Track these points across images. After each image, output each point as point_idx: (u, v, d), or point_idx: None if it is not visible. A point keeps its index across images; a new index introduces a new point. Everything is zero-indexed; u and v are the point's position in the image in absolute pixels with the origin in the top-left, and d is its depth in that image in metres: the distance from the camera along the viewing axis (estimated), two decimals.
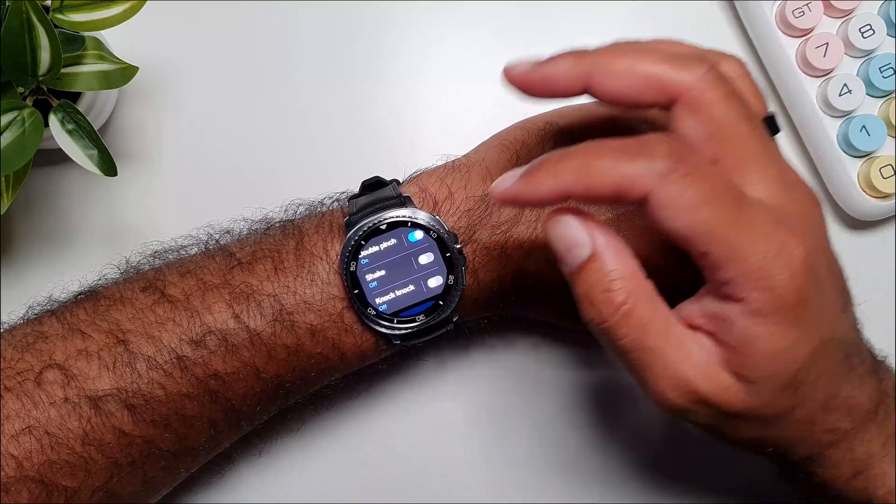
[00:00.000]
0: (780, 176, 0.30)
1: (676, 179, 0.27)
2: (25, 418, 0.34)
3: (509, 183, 0.29)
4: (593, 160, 0.28)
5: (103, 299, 0.37)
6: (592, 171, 0.28)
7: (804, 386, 0.30)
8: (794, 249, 0.28)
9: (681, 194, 0.27)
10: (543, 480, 0.47)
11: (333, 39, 0.50)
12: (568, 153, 0.29)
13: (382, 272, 0.37)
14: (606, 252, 0.29)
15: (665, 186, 0.27)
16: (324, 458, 0.46)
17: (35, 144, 0.37)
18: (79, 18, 0.39)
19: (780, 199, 0.29)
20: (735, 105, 0.29)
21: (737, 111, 0.29)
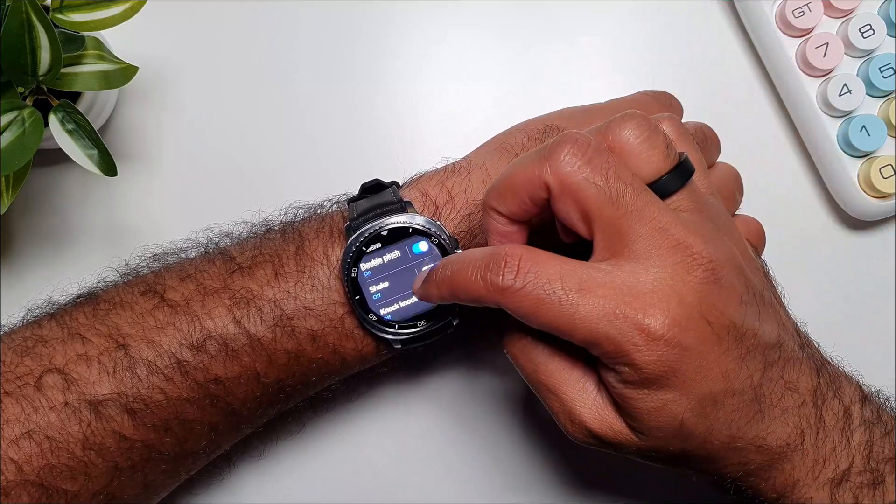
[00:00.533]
0: (650, 247, 0.30)
1: (509, 296, 0.30)
2: (25, 422, 0.34)
3: (417, 286, 0.35)
4: (458, 276, 0.32)
5: (103, 303, 0.37)
6: (456, 287, 0.32)
7: (696, 434, 0.31)
8: (649, 325, 0.29)
9: (518, 306, 0.30)
10: (545, 480, 0.47)
11: (333, 39, 0.50)
12: (446, 265, 0.33)
13: (386, 284, 0.37)
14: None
15: (507, 301, 0.30)
16: (323, 460, 0.46)
17: (35, 144, 0.37)
18: (79, 18, 0.39)
19: (643, 272, 0.30)
20: (598, 185, 0.30)
21: (600, 191, 0.30)
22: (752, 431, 0.32)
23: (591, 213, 0.30)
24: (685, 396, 0.30)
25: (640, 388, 0.30)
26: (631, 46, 0.50)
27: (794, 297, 0.46)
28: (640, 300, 0.29)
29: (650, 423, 0.31)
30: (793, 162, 0.50)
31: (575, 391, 0.32)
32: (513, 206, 0.32)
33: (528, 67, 0.50)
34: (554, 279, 0.30)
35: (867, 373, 0.38)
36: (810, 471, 0.33)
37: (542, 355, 0.33)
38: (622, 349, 0.29)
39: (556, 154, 0.31)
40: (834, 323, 0.48)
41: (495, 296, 0.30)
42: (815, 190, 0.50)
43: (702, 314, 0.30)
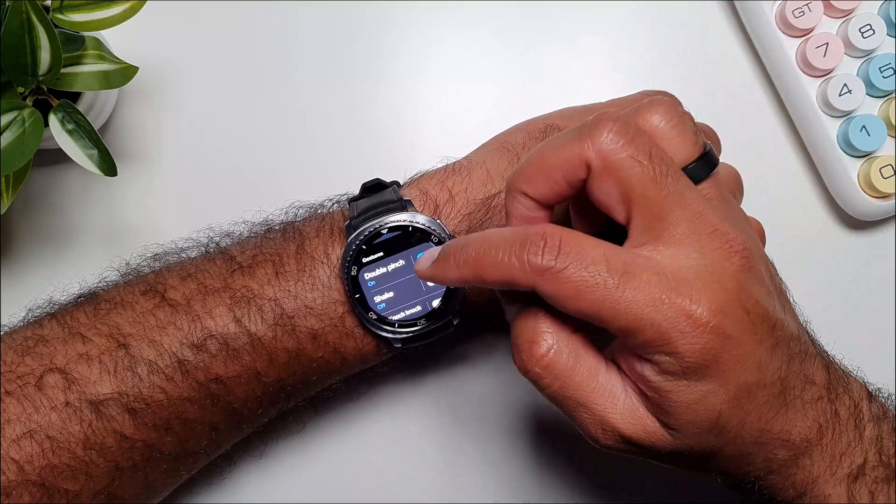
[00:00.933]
0: (689, 232, 0.30)
1: (549, 278, 0.29)
2: (26, 422, 0.35)
3: (427, 265, 0.32)
4: (484, 257, 0.30)
5: (104, 302, 0.37)
6: (484, 267, 0.30)
7: (729, 428, 0.30)
8: (695, 311, 0.28)
9: (557, 289, 0.29)
10: (545, 480, 0.47)
11: (333, 39, 0.50)
12: (467, 245, 0.31)
13: (391, 294, 0.38)
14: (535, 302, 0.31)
15: (546, 283, 0.29)
16: (324, 459, 0.46)
17: (35, 144, 0.37)
18: (79, 18, 0.39)
19: (684, 258, 0.29)
20: (643, 163, 0.29)
21: (644, 170, 0.29)
22: (778, 425, 0.31)
23: (633, 193, 0.29)
24: (723, 387, 0.29)
25: (679, 378, 0.29)
26: (631, 46, 0.50)
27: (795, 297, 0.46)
28: (684, 286, 0.28)
29: (687, 418, 0.30)
30: (793, 162, 0.50)
31: (605, 399, 0.31)
32: (544, 187, 0.31)
33: (528, 67, 0.50)
34: (598, 261, 0.29)
35: (867, 372, 0.38)
36: (828, 467, 0.33)
37: (566, 369, 0.31)
38: (667, 336, 0.28)
39: (598, 131, 0.29)
40: (834, 323, 0.48)
41: (532, 277, 0.29)
42: (815, 190, 0.50)
43: (741, 302, 0.29)
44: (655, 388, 0.30)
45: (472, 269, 0.31)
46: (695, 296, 0.28)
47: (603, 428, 0.31)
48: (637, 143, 0.29)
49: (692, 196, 0.30)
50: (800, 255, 0.49)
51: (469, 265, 0.31)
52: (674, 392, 0.29)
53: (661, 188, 0.29)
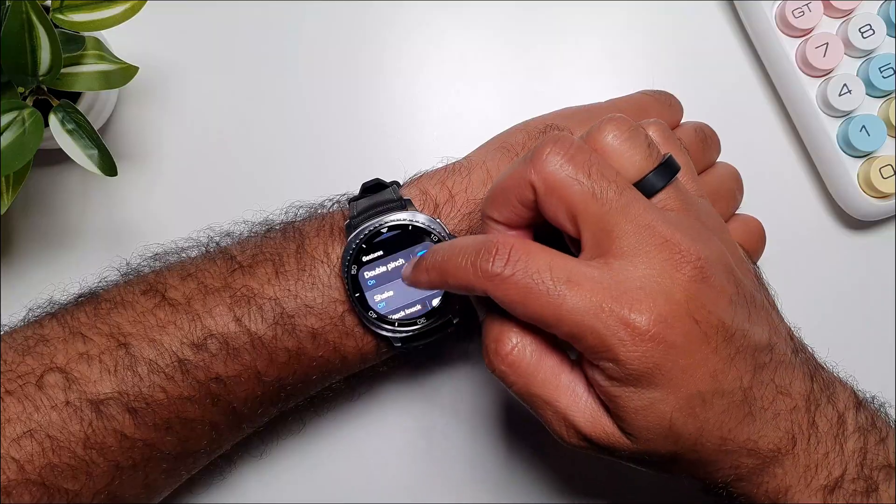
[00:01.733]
0: (636, 244, 0.30)
1: (498, 283, 0.30)
2: (27, 422, 0.34)
3: (408, 272, 0.35)
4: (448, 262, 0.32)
5: (104, 302, 0.37)
6: (446, 272, 0.32)
7: (685, 436, 0.31)
8: (634, 320, 0.29)
9: (505, 294, 0.30)
10: (546, 480, 0.47)
11: (333, 39, 0.50)
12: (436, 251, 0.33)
13: (391, 293, 0.38)
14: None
15: (494, 288, 0.31)
16: (324, 459, 0.46)
17: (35, 144, 0.37)
18: (79, 18, 0.39)
19: (632, 269, 0.30)
20: (582, 181, 0.30)
21: (584, 188, 0.30)
22: (743, 434, 0.32)
23: (577, 209, 0.31)
24: (672, 395, 0.30)
25: (625, 385, 0.30)
26: (631, 46, 0.51)
27: (794, 297, 0.46)
28: (626, 296, 0.30)
29: (639, 424, 0.31)
30: (793, 162, 0.50)
31: (567, 397, 0.32)
32: (505, 211, 0.33)
33: (528, 67, 0.50)
34: (543, 269, 0.30)
35: (867, 373, 0.38)
36: (802, 476, 0.33)
37: (530, 367, 0.32)
38: (606, 343, 0.29)
39: (539, 154, 0.31)
40: (834, 323, 0.48)
41: (484, 282, 0.31)
42: (815, 190, 0.50)
43: (689, 312, 0.30)
44: (605, 392, 0.31)
45: (437, 273, 0.33)
46: (636, 305, 0.29)
47: (566, 426, 0.32)
48: (576, 161, 0.31)
49: (639, 209, 0.31)
50: (800, 255, 0.49)
51: (435, 269, 0.33)
52: (621, 398, 0.31)
53: (601, 203, 0.30)
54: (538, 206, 0.32)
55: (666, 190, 0.32)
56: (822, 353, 0.38)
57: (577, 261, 0.31)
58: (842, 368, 0.37)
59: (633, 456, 0.32)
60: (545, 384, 0.32)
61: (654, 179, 0.32)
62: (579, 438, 0.32)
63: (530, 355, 0.32)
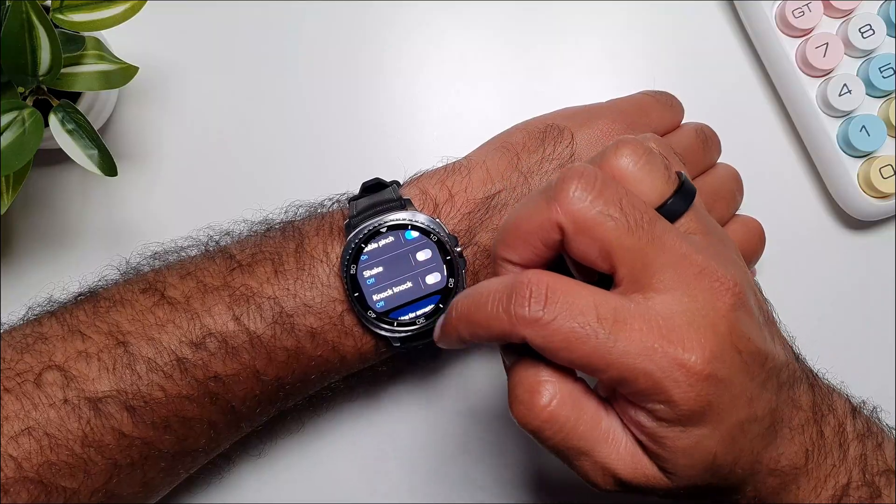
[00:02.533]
0: (676, 276, 0.29)
1: (538, 329, 0.28)
2: (25, 419, 0.35)
3: (437, 333, 0.32)
4: (475, 313, 0.29)
5: (103, 301, 0.38)
6: (476, 325, 0.29)
7: (723, 466, 0.30)
8: (688, 360, 0.28)
9: (547, 341, 0.28)
10: (546, 480, 0.47)
11: (333, 39, 0.50)
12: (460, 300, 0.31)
13: (380, 269, 0.37)
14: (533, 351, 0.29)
15: (534, 335, 0.28)
16: (323, 459, 0.46)
17: (35, 144, 0.37)
18: (79, 18, 0.39)
19: (675, 303, 0.29)
20: (616, 217, 0.28)
21: (618, 224, 0.28)
22: (768, 455, 0.31)
23: (612, 247, 0.29)
24: (718, 430, 0.29)
25: (675, 425, 0.29)
26: (631, 46, 0.51)
27: (794, 297, 0.46)
28: (676, 333, 0.28)
29: (683, 462, 0.29)
30: (793, 162, 0.50)
31: (607, 446, 0.30)
32: (526, 253, 0.30)
33: (528, 67, 0.50)
34: (588, 310, 0.28)
35: (866, 373, 0.38)
36: (813, 489, 0.33)
37: (570, 420, 0.30)
38: (661, 386, 0.28)
39: (564, 192, 0.29)
40: (834, 323, 0.48)
41: (521, 329, 0.28)
42: (815, 190, 0.50)
43: (733, 343, 0.29)
44: (651, 434, 0.29)
45: (466, 325, 0.30)
46: (687, 344, 0.28)
47: (604, 474, 0.30)
48: (606, 195, 0.29)
49: (672, 239, 0.29)
50: (800, 255, 0.49)
51: (463, 322, 0.30)
52: (669, 438, 0.29)
53: (638, 238, 0.28)
54: (565, 245, 0.29)
55: (687, 213, 0.31)
56: (821, 354, 0.38)
57: (619, 297, 0.29)
58: (840, 370, 0.37)
59: (668, 493, 0.31)
60: (585, 435, 0.30)
61: (677, 204, 0.30)
62: (615, 484, 0.30)
63: (571, 407, 0.30)
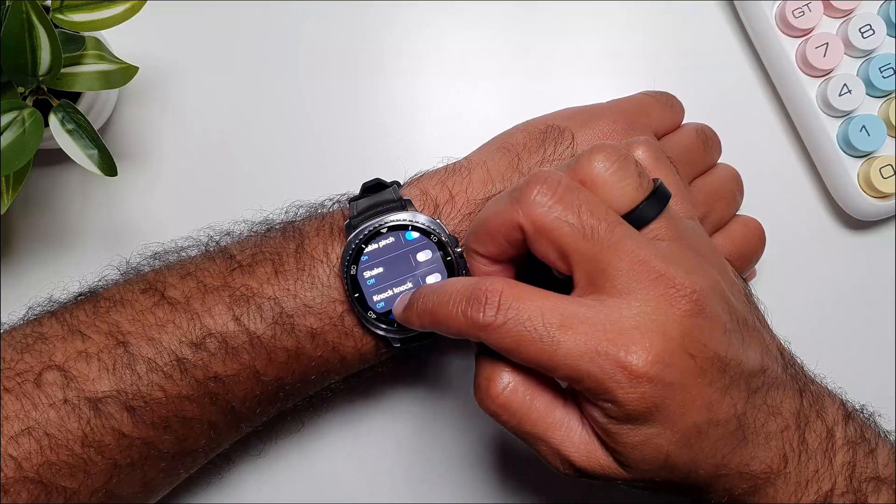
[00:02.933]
0: (630, 281, 0.30)
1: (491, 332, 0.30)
2: (25, 419, 0.34)
3: (399, 310, 0.35)
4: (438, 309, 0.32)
5: (103, 301, 0.37)
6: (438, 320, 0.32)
7: (679, 466, 0.31)
8: (631, 362, 0.29)
9: (499, 342, 0.30)
10: (546, 480, 0.47)
11: (334, 39, 0.50)
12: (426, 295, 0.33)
13: (380, 269, 0.37)
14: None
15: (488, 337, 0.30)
16: (323, 459, 0.46)
17: (35, 144, 0.37)
18: (79, 18, 0.39)
19: (626, 307, 0.30)
20: (572, 222, 0.30)
21: (573, 229, 0.30)
22: (736, 459, 0.32)
23: (567, 250, 0.30)
24: (669, 430, 0.30)
25: (623, 423, 0.30)
26: (631, 46, 0.51)
27: (793, 297, 0.46)
28: (622, 336, 0.29)
29: (635, 457, 0.31)
30: (793, 162, 0.50)
31: (561, 433, 0.32)
32: (492, 248, 0.33)
33: (528, 67, 0.50)
34: (535, 315, 0.30)
35: (866, 373, 0.38)
36: (793, 493, 0.33)
37: (522, 406, 0.32)
38: (604, 386, 0.29)
39: (526, 195, 0.31)
40: (833, 323, 0.48)
41: (476, 332, 0.31)
42: (815, 190, 0.50)
43: (685, 348, 0.30)
44: (603, 429, 0.31)
45: (429, 318, 0.33)
46: (631, 346, 0.29)
47: (560, 459, 0.32)
48: (566, 201, 0.30)
49: (632, 245, 0.30)
50: (800, 255, 0.49)
51: (427, 315, 0.33)
52: (619, 434, 0.30)
53: (593, 243, 0.30)
54: (527, 245, 0.32)
55: (658, 219, 0.32)
56: (821, 354, 0.38)
57: (570, 300, 0.30)
58: (839, 370, 0.37)
59: (627, 483, 0.32)
60: (537, 422, 0.32)
61: (646, 210, 0.32)
62: (573, 470, 0.32)
63: (522, 395, 0.32)
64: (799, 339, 0.37)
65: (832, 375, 0.37)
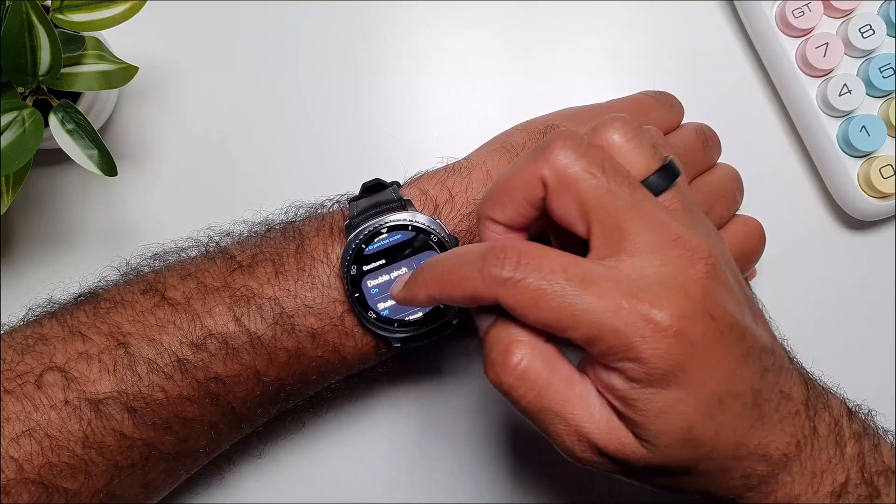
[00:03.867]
0: (650, 240, 0.30)
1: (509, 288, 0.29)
2: (26, 421, 0.35)
3: (398, 289, 0.33)
4: (450, 273, 0.31)
5: (104, 301, 0.37)
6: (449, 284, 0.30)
7: (703, 441, 0.30)
8: (656, 316, 0.28)
9: (517, 299, 0.29)
10: (545, 479, 0.47)
11: (334, 39, 0.50)
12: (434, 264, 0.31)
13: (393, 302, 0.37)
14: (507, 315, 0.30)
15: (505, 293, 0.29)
16: (323, 459, 0.46)
17: (35, 144, 0.37)
18: (79, 18, 0.39)
19: (646, 266, 0.29)
20: (597, 175, 0.30)
21: (598, 181, 0.30)
22: (754, 438, 0.31)
23: (590, 205, 0.30)
24: (692, 395, 0.29)
25: (646, 386, 0.29)
26: (631, 46, 0.51)
27: (793, 297, 0.46)
28: (645, 292, 0.28)
29: (658, 428, 0.29)
30: (793, 162, 0.50)
31: (581, 408, 0.30)
32: (510, 211, 0.32)
33: (528, 67, 0.50)
34: (556, 270, 0.29)
35: (866, 373, 0.38)
36: (809, 484, 0.33)
37: (542, 377, 0.30)
38: (628, 342, 0.28)
39: (550, 149, 0.30)
40: (833, 323, 0.48)
41: (493, 288, 0.29)
42: (815, 190, 0.50)
43: (706, 308, 0.29)
44: (623, 397, 0.29)
45: (438, 286, 0.31)
46: (656, 301, 0.28)
47: (579, 439, 0.30)
48: (590, 156, 0.30)
49: (652, 206, 0.30)
50: (800, 255, 0.49)
51: (436, 282, 0.31)
52: (641, 400, 0.29)
53: (616, 198, 0.29)
54: (547, 203, 0.31)
55: (670, 191, 0.32)
56: (821, 354, 0.38)
57: (590, 261, 0.30)
58: (839, 370, 0.37)
59: (647, 467, 0.31)
60: (558, 395, 0.30)
61: (659, 180, 0.32)
62: (592, 452, 0.31)
63: (542, 364, 0.30)
64: (799, 339, 0.37)
65: (831, 375, 0.37)
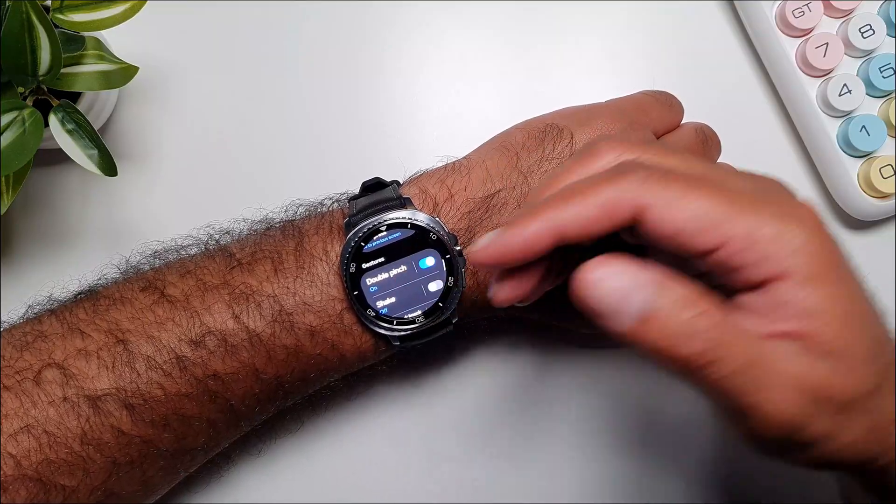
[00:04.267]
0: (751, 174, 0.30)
1: (658, 179, 0.27)
2: (24, 417, 0.35)
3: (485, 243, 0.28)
4: (573, 190, 0.28)
5: (103, 299, 0.38)
6: (574, 200, 0.27)
7: (881, 339, 0.28)
8: (799, 211, 0.27)
9: (667, 187, 0.27)
10: (545, 480, 0.47)
11: (334, 39, 0.50)
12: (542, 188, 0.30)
13: (393, 299, 0.37)
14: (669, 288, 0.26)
15: (651, 191, 0.27)
16: (322, 458, 0.46)
17: (35, 144, 0.37)
18: (79, 18, 0.39)
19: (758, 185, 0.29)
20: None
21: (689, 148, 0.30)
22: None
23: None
24: (858, 291, 0.28)
25: (818, 282, 0.26)
26: (631, 46, 0.51)
27: None
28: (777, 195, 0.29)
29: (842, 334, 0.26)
30: (793, 162, 0.50)
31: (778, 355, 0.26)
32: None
33: (528, 67, 0.50)
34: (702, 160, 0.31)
35: None
36: None
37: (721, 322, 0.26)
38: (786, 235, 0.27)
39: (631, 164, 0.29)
40: None
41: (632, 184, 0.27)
42: (815, 190, 0.50)
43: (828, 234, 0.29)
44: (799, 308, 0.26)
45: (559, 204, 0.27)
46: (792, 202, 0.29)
47: (792, 388, 0.26)
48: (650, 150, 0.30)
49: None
50: None
51: (554, 203, 0.27)
52: (819, 303, 0.26)
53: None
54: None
55: None
56: None
57: None
58: None
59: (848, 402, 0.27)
60: (752, 347, 0.26)
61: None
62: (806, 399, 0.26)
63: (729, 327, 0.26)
64: None
65: None
